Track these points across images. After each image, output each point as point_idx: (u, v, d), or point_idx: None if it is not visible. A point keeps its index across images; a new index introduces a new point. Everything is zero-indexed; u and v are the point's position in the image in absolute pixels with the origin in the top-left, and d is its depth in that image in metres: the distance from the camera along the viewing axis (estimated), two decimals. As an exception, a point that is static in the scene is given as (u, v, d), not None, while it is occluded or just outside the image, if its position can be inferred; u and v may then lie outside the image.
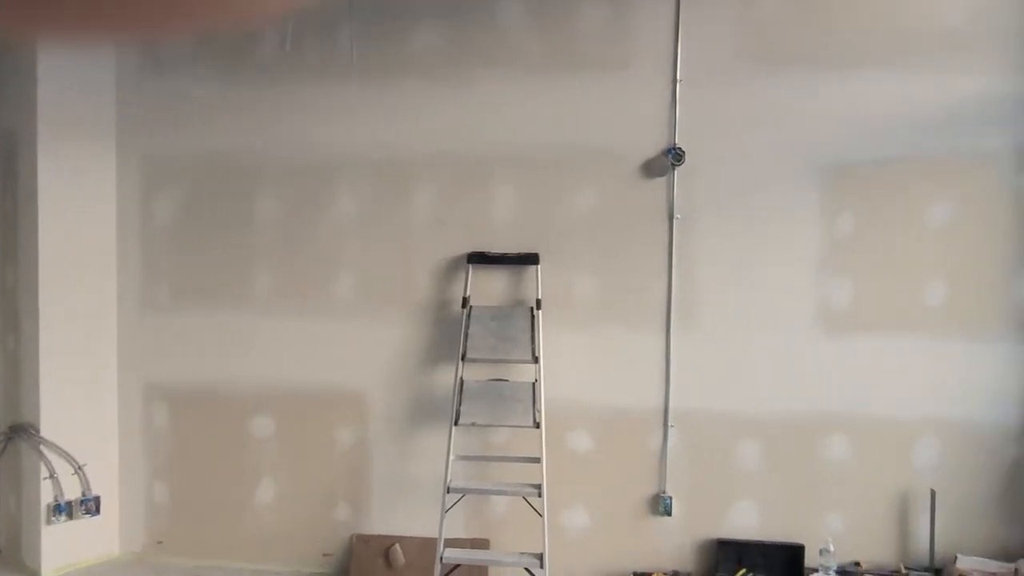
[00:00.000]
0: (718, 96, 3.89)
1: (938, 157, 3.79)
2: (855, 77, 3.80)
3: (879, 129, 3.81)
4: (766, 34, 3.86)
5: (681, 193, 3.91)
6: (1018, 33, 3.70)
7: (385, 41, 4.10)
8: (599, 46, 3.96)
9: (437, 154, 4.08)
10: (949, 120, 3.77)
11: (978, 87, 3.74)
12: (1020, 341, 3.74)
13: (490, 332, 3.94)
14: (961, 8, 3.73)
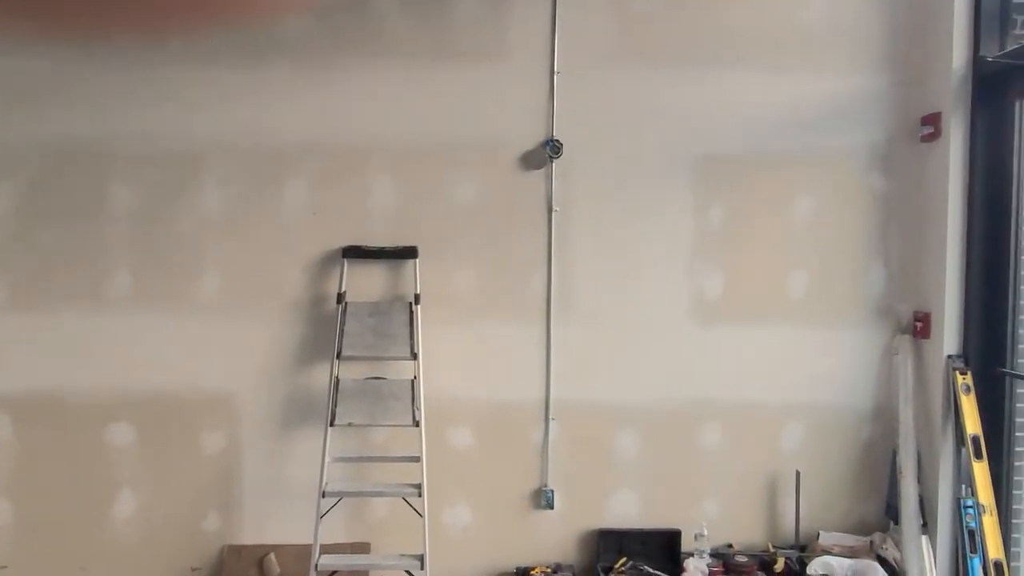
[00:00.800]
0: (595, 89, 3.90)
1: (801, 153, 3.96)
2: (725, 74, 3.91)
3: (748, 125, 3.94)
4: (640, 29, 3.90)
5: (560, 185, 3.91)
6: (870, 37, 3.91)
7: (250, 23, 3.86)
8: (476, 36, 3.88)
9: (310, 143, 3.89)
10: (810, 118, 3.94)
11: (836, 87, 3.93)
12: (873, 328, 3.97)
13: (367, 328, 3.81)
14: (819, 11, 3.91)
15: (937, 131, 3.75)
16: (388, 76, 3.88)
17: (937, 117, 3.74)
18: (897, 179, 3.95)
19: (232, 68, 3.85)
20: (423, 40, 3.88)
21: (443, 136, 3.90)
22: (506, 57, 3.89)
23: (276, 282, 3.91)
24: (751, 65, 3.90)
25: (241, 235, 3.91)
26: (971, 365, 3.65)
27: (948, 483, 3.68)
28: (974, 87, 3.61)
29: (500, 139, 3.90)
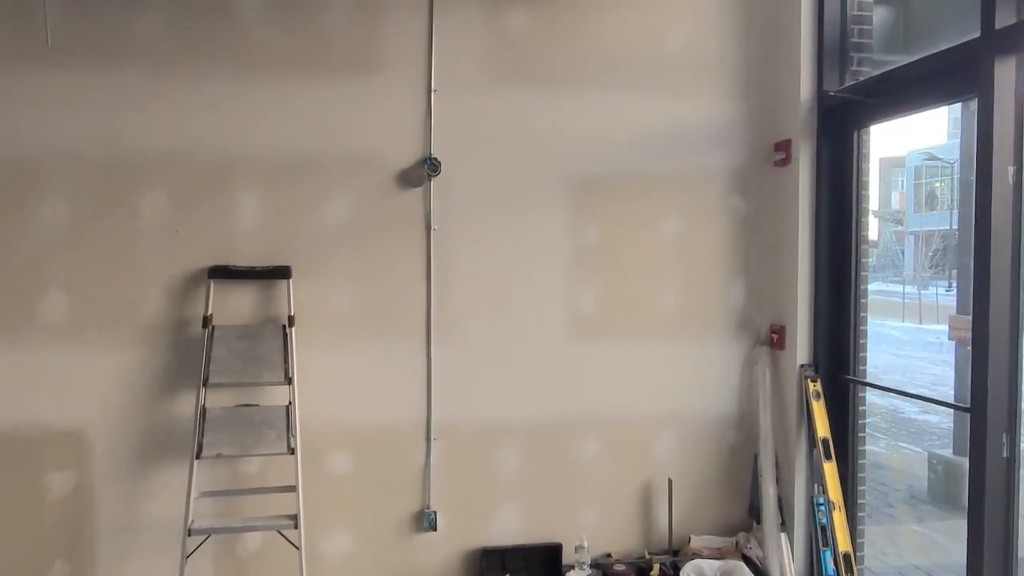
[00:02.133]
0: (473, 107, 3.90)
1: (669, 174, 4.14)
2: (599, 96, 4.03)
3: (621, 146, 4.08)
4: (517, 50, 3.95)
5: (438, 203, 3.88)
6: (728, 66, 4.17)
7: (98, 21, 3.56)
8: (352, 49, 3.78)
9: (170, 154, 3.64)
10: (677, 141, 4.14)
11: (700, 112, 4.16)
12: (735, 340, 4.22)
13: (237, 353, 3.60)
14: (683, 41, 4.12)
15: (788, 156, 4.05)
16: (256, 86, 3.71)
17: (788, 144, 4.04)
18: (755, 200, 4.23)
19: (71, 70, 3.54)
20: (293, 50, 3.74)
21: (317, 151, 3.76)
22: (382, 72, 3.82)
23: (133, 305, 3.62)
24: (623, 89, 4.05)
25: (91, 253, 3.59)
26: (820, 373, 3.96)
27: (803, 483, 3.98)
28: (819, 117, 3.93)
29: (377, 155, 3.82)
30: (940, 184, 22.95)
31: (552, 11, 3.98)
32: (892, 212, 24.07)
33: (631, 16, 4.06)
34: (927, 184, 23.67)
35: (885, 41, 4.23)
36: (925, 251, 21.62)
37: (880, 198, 23.27)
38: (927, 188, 23.76)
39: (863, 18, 3.96)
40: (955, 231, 18.18)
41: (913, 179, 24.05)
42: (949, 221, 20.37)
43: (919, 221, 23.53)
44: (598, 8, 4.03)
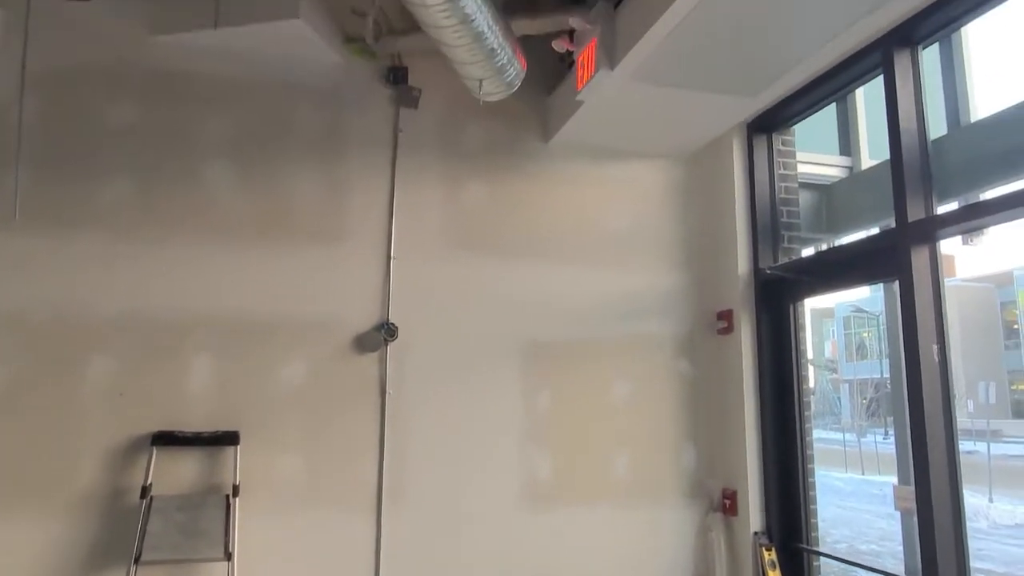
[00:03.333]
0: (431, 275, 4.04)
1: (620, 341, 4.29)
2: (554, 268, 4.23)
3: (574, 314, 4.24)
4: (474, 224, 4.16)
5: (394, 368, 3.90)
6: (673, 242, 4.46)
7: (65, 189, 3.63)
8: (317, 218, 3.93)
9: (125, 316, 3.61)
10: (627, 310, 4.33)
11: (648, 283, 4.38)
12: (688, 506, 4.22)
13: (175, 526, 3.41)
14: (630, 220, 4.42)
15: (730, 326, 4.26)
16: (217, 249, 3.77)
17: (730, 313, 4.27)
18: (702, 366, 4.39)
19: (34, 234, 3.55)
20: (259, 217, 3.85)
21: (276, 315, 3.79)
22: (344, 240, 3.95)
23: (64, 473, 3.44)
24: (574, 260, 4.27)
25: (22, 418, 3.43)
26: (774, 540, 3.95)
27: (763, 660, 3.86)
28: (757, 290, 4.19)
29: (335, 320, 3.87)
30: (868, 334, 24.12)
31: (507, 186, 4.24)
32: (827, 360, 25.01)
33: (581, 193, 4.36)
34: (856, 334, 24.88)
35: (811, 221, 4.62)
36: (860, 400, 22.32)
37: (814, 347, 24.24)
38: (856, 338, 24.95)
39: (790, 200, 4.35)
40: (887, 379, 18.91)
41: (843, 329, 25.28)
42: (880, 370, 21.24)
43: (852, 369, 24.47)
44: (550, 185, 4.32)
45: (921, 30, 3.34)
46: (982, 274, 22.41)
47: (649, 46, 3.25)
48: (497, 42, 2.94)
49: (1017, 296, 21.81)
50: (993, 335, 22.17)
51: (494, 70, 3.07)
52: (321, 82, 4.03)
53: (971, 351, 21.58)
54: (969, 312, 21.79)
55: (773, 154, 4.32)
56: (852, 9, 3.00)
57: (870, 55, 3.48)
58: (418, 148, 4.12)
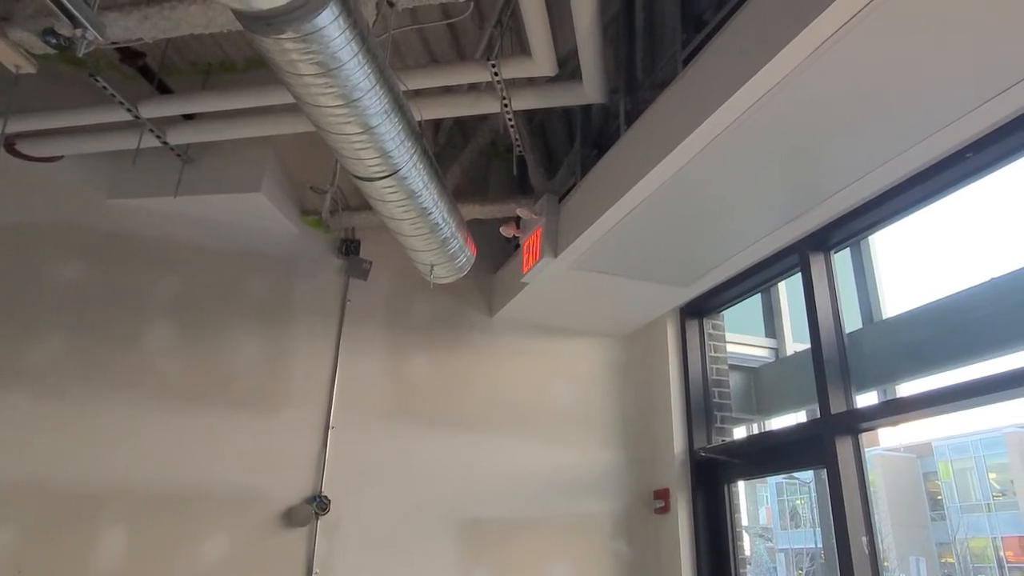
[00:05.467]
0: (369, 446, 3.98)
1: (558, 519, 4.23)
2: (494, 442, 4.23)
3: (512, 490, 4.19)
4: (417, 395, 4.18)
5: (323, 544, 3.72)
6: (612, 422, 4.55)
7: (-4, 348, 3.52)
8: (256, 386, 3.88)
9: (33, 481, 3.39)
10: (566, 487, 4.31)
11: (587, 461, 4.41)
12: None
13: None
14: (571, 398, 4.52)
15: (667, 505, 4.27)
16: (149, 416, 3.66)
17: (667, 492, 4.29)
18: (639, 546, 4.33)
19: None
20: (196, 382, 3.79)
21: (200, 484, 3.63)
22: (282, 408, 3.89)
23: (-61, 666, 3.07)
24: (514, 435, 4.29)
25: (-95, 599, 3.10)
26: None
27: None
28: (692, 470, 4.25)
29: (264, 492, 3.72)
30: (801, 501, 24.18)
31: (451, 360, 4.32)
32: (761, 528, 24.77)
33: (523, 368, 4.46)
34: (789, 501, 24.90)
35: (741, 402, 4.80)
36: (797, 571, 21.95)
37: (749, 514, 24.07)
38: (790, 504, 24.94)
39: (721, 381, 4.54)
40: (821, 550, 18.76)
41: (776, 495, 25.30)
42: (814, 539, 21.11)
43: (787, 538, 24.24)
44: (494, 359, 4.42)
45: (833, 237, 3.70)
46: (903, 443, 23.14)
47: (590, 240, 3.51)
48: (450, 231, 3.13)
49: (938, 467, 22.46)
50: (919, 506, 22.51)
51: (446, 257, 3.24)
52: (274, 250, 4.14)
53: (899, 522, 21.79)
54: (894, 482, 22.22)
55: (705, 337, 4.56)
56: (772, 219, 3.33)
57: (789, 256, 3.82)
58: (365, 318, 4.20)
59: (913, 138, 2.68)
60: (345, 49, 2.09)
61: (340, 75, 2.14)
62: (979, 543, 20.66)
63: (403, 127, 2.56)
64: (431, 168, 2.87)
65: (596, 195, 3.47)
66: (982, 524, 20.54)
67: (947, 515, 21.86)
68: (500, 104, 3.43)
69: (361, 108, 2.29)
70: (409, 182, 2.70)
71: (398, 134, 2.53)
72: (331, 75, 2.13)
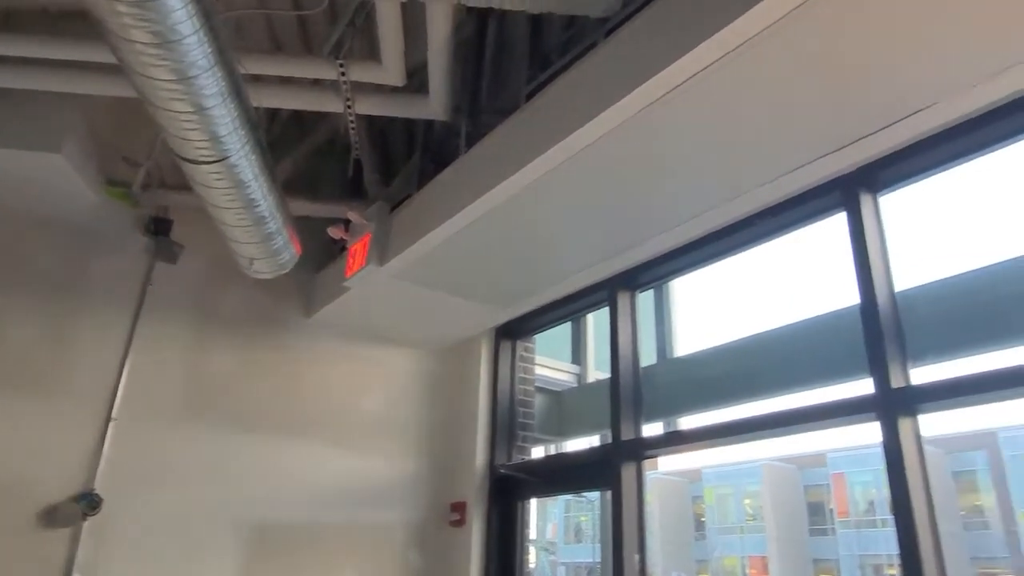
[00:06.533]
0: (156, 443, 3.69)
1: (352, 527, 4.18)
2: (290, 445, 4.09)
3: (306, 495, 4.07)
4: (212, 390, 3.94)
5: (88, 549, 3.38)
6: (416, 430, 4.58)
7: None
8: (28, 365, 3.46)
9: None
10: (363, 494, 4.27)
11: (387, 468, 4.40)
12: None
13: None
14: (376, 401, 4.50)
15: (463, 518, 4.37)
16: None
17: (463, 506, 4.39)
18: (431, 557, 4.39)
19: None
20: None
21: (-58, 475, 3.17)
22: (58, 393, 3.50)
23: None
24: (320, 442, 4.18)
25: None
26: None
27: None
28: (490, 485, 4.39)
29: (22, 485, 3.32)
30: (585, 518, 25.64)
31: (259, 357, 4.13)
32: (547, 542, 25.91)
33: (334, 372, 4.38)
34: (575, 517, 26.32)
35: (544, 423, 5.04)
36: (574, 583, 23.18)
37: (537, 528, 25.09)
38: (575, 521, 26.37)
39: (527, 402, 4.75)
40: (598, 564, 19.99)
41: (564, 512, 26.63)
42: (592, 554, 22.47)
43: (570, 552, 25.58)
44: (305, 360, 4.29)
45: (640, 279, 4.03)
46: (678, 468, 25.36)
47: (418, 253, 3.55)
48: (276, 227, 3.02)
49: (704, 492, 24.84)
50: (685, 526, 24.75)
51: (268, 252, 3.11)
52: (71, 219, 3.74)
53: (668, 540, 23.84)
54: (667, 504, 24.30)
55: (516, 359, 4.74)
56: (589, 256, 3.57)
57: (600, 291, 4.10)
58: (168, 306, 3.90)
59: (710, 202, 3.02)
60: (186, 23, 1.97)
61: (177, 49, 2.02)
62: (731, 561, 23.13)
63: (239, 113, 2.45)
64: (264, 160, 2.76)
65: (429, 210, 3.52)
66: (735, 544, 23.03)
67: (707, 535, 24.20)
68: (343, 105, 3.38)
69: (196, 87, 2.17)
70: (238, 171, 2.58)
71: (233, 120, 2.42)
72: (167, 47, 2.00)
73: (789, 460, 22.34)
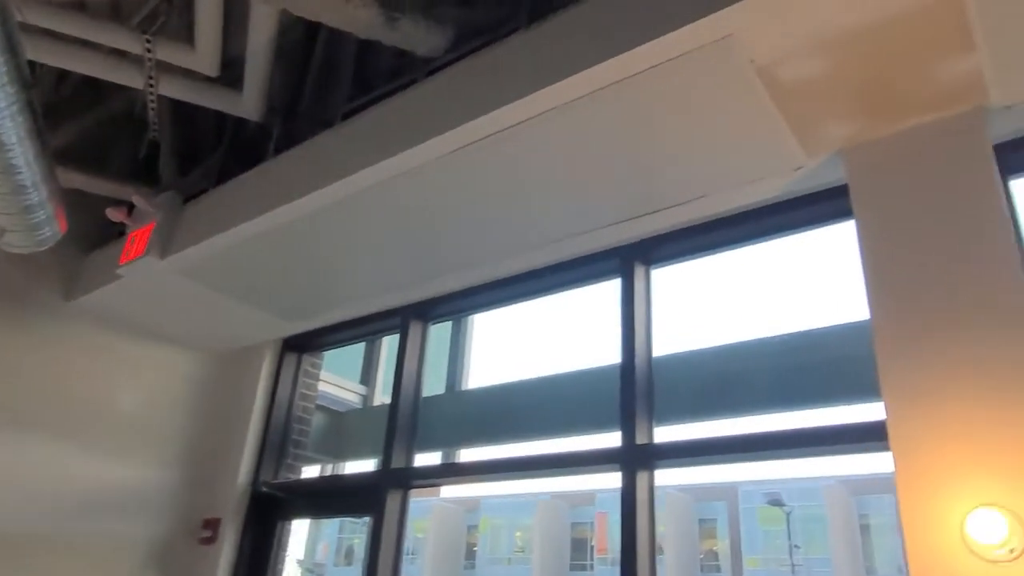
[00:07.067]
0: None
1: (92, 538, 3.78)
2: (36, 442, 3.64)
3: (41, 501, 3.63)
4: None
5: None
6: (175, 436, 4.26)
7: None
8: None
9: None
10: (109, 502, 3.88)
11: (135, 475, 4.04)
12: None
13: None
14: (139, 403, 4.13)
15: (215, 535, 4.11)
16: None
17: (217, 523, 4.13)
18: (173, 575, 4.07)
19: None
20: None
21: None
22: None
23: None
24: (64, 441, 3.75)
25: None
26: None
27: None
28: (250, 504, 4.18)
29: None
30: (358, 540, 25.11)
31: (4, 341, 3.65)
32: (314, 564, 25.00)
33: (92, 366, 3.97)
34: (348, 539, 25.70)
35: (322, 442, 4.91)
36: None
37: (306, 549, 24.15)
38: (348, 543, 25.75)
39: (305, 419, 4.60)
40: (364, 589, 19.57)
41: (338, 532, 25.92)
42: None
43: (338, 574, 24.91)
44: (61, 349, 3.85)
45: (434, 311, 4.10)
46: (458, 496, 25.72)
47: (205, 252, 3.36)
48: (39, 199, 2.71)
49: (481, 521, 25.38)
50: (457, 554, 25.08)
51: (25, 225, 2.77)
52: None
53: (438, 567, 23.99)
54: (443, 530, 24.51)
55: (300, 373, 4.59)
56: (383, 282, 3.60)
57: (393, 318, 4.11)
58: None
59: (502, 251, 3.19)
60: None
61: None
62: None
63: (9, 69, 2.20)
64: (34, 123, 2.48)
65: (225, 209, 3.35)
66: (502, 574, 23.70)
67: (477, 564, 24.70)
68: (144, 82, 3.14)
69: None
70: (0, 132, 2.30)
71: (1, 76, 2.16)
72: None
73: (562, 496, 23.55)
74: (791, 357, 3.10)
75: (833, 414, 2.72)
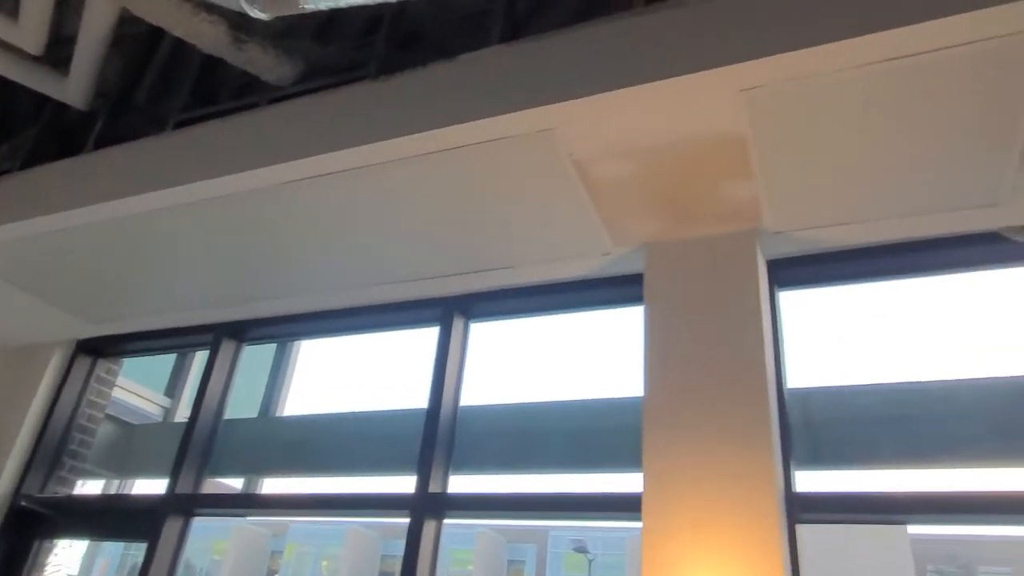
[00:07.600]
0: None
1: None
2: None
3: None
4: None
5: None
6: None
7: None
8: None
9: None
10: None
11: None
12: None
13: None
14: None
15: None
16: None
17: (-34, 537, 3.70)
18: None
19: None
20: None
21: None
22: None
23: None
24: None
25: None
26: None
27: None
28: (6, 518, 3.77)
29: None
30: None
31: None
32: (90, 581, 22.64)
33: None
34: (133, 556, 23.59)
35: (105, 456, 4.53)
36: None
37: (83, 566, 21.84)
38: (132, 560, 23.62)
39: (89, 429, 4.22)
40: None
41: (123, 550, 23.74)
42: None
43: (113, 595, 22.73)
44: None
45: (249, 332, 3.95)
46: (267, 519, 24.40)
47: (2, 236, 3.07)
48: None
49: (286, 548, 24.16)
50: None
51: None
52: None
53: (235, 594, 22.53)
54: (244, 554, 23.07)
55: (91, 379, 4.24)
56: (192, 297, 3.46)
57: (205, 334, 3.91)
58: None
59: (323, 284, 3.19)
60: None
61: None
62: (285, 623, 22.64)
63: None
64: None
65: (29, 194, 3.10)
66: (301, 606, 22.65)
67: (278, 593, 23.43)
68: (-48, 45, 2.86)
69: None
70: None
71: None
72: None
73: (375, 527, 23.01)
74: (588, 421, 3.31)
75: (621, 479, 2.95)
